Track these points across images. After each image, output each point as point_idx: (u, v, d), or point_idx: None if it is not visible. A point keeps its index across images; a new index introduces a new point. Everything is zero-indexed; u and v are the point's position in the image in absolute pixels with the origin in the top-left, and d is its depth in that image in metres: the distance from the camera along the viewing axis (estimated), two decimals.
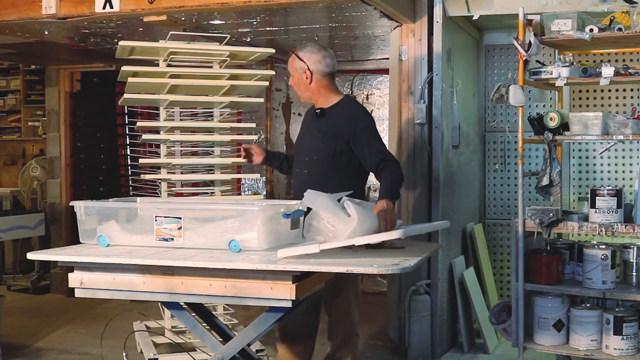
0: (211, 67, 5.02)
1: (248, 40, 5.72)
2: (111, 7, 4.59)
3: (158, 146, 5.16)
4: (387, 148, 3.80)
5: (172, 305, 2.95)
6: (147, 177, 5.03)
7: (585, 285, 4.09)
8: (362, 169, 3.71)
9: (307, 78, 3.70)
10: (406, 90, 5.16)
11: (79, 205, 3.10)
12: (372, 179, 7.80)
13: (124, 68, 4.71)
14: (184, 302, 2.95)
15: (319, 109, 3.70)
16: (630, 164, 5.51)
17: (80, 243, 3.10)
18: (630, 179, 5.46)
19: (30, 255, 2.93)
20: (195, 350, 4.63)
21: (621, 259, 4.21)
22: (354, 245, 2.78)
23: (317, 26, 5.27)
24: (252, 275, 2.64)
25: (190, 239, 2.93)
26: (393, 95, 5.30)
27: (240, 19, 4.98)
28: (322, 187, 3.47)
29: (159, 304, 4.38)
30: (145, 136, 4.93)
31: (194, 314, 3.34)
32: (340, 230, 2.84)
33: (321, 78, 3.70)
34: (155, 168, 5.13)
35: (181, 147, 5.14)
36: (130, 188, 6.13)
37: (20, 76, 8.90)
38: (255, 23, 5.10)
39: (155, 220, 2.96)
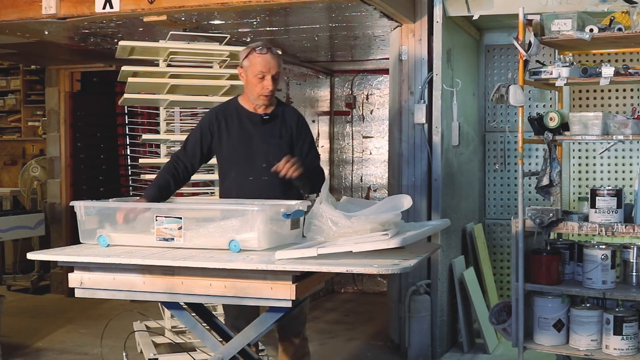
0: (211, 67, 5.02)
1: (248, 40, 5.71)
2: (111, 7, 4.59)
3: (158, 146, 5.17)
4: None
5: (172, 305, 2.94)
6: (147, 177, 5.04)
7: (585, 285, 4.09)
8: None
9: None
10: (406, 90, 5.16)
11: (79, 205, 3.10)
12: (372, 179, 7.81)
13: (124, 68, 4.72)
14: (184, 302, 2.95)
15: (266, 114, 3.61)
16: (630, 164, 5.51)
17: (80, 243, 3.10)
18: (630, 179, 5.46)
19: (30, 255, 2.93)
20: (195, 350, 4.63)
21: (621, 259, 4.21)
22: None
23: (317, 26, 5.27)
24: (252, 275, 2.64)
25: (190, 239, 2.93)
26: (393, 95, 5.30)
27: (240, 19, 4.97)
28: (284, 192, 3.51)
29: (159, 304, 4.38)
30: (145, 136, 4.94)
31: (194, 314, 3.34)
32: (343, 230, 2.84)
33: None
34: (155, 168, 5.13)
35: None
36: (130, 188, 6.13)
37: (20, 76, 8.89)
38: (255, 23, 5.10)
39: (156, 220, 2.96)
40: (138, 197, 3.50)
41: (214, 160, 4.97)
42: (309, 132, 3.76)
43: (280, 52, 3.65)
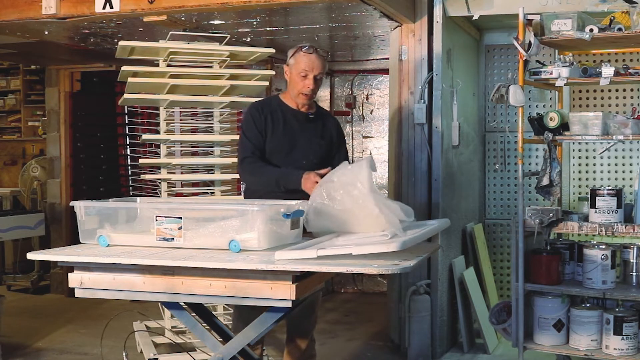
0: (211, 67, 5.02)
1: (248, 40, 5.72)
2: (111, 7, 4.59)
3: (158, 146, 5.17)
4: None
5: (172, 305, 2.94)
6: (147, 177, 5.04)
7: (585, 285, 4.09)
8: None
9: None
10: (406, 90, 5.16)
11: (79, 205, 3.10)
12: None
13: (124, 68, 4.72)
14: (184, 302, 2.95)
15: (311, 114, 3.73)
16: (630, 164, 5.51)
17: (80, 243, 3.10)
18: (630, 179, 5.46)
19: (30, 255, 2.93)
20: (195, 350, 4.63)
21: (621, 259, 4.21)
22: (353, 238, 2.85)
23: (317, 26, 5.27)
24: (252, 275, 2.64)
25: (190, 239, 2.93)
26: (393, 95, 5.30)
27: (240, 19, 4.98)
28: None
29: (159, 304, 4.38)
30: (145, 136, 4.94)
31: (194, 314, 3.34)
32: (337, 210, 2.88)
33: None
34: (155, 168, 5.13)
35: (181, 147, 5.14)
36: (130, 188, 6.13)
37: (20, 76, 8.89)
38: (255, 23, 5.10)
39: (156, 220, 2.96)
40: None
41: (213, 160, 5.01)
42: (345, 140, 3.96)
43: (325, 54, 3.73)
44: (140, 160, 4.93)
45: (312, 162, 3.68)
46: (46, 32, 5.35)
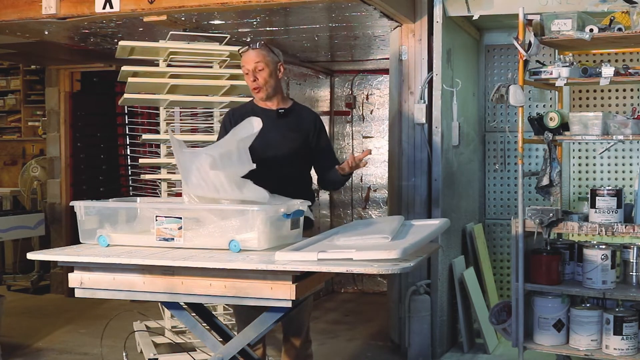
0: (211, 67, 5.02)
1: (248, 40, 5.72)
2: (111, 7, 4.59)
3: (158, 146, 5.17)
4: None
5: (172, 305, 2.94)
6: (147, 177, 5.04)
7: (585, 285, 4.09)
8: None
9: (279, 72, 3.68)
10: (406, 90, 5.16)
11: (79, 205, 3.09)
12: (372, 179, 7.79)
13: (124, 68, 4.72)
14: (184, 302, 2.95)
15: (282, 109, 3.71)
16: (630, 164, 5.51)
17: (80, 243, 3.10)
18: (630, 179, 5.46)
19: (30, 255, 2.92)
20: (195, 350, 4.63)
21: (621, 259, 4.22)
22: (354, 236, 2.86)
23: (317, 26, 5.27)
24: (252, 275, 2.64)
25: (190, 239, 2.93)
26: (393, 95, 5.30)
27: (240, 19, 4.98)
28: (297, 185, 3.59)
29: (159, 304, 4.38)
30: (145, 136, 4.94)
31: (194, 314, 3.34)
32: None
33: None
34: (155, 168, 5.13)
35: None
36: (130, 188, 6.13)
37: (20, 76, 8.89)
38: (255, 23, 5.10)
39: (156, 220, 2.96)
40: None
41: None
42: (326, 131, 3.89)
43: (259, 45, 3.64)
44: (140, 160, 4.93)
45: (287, 157, 3.64)
46: (46, 32, 5.35)
